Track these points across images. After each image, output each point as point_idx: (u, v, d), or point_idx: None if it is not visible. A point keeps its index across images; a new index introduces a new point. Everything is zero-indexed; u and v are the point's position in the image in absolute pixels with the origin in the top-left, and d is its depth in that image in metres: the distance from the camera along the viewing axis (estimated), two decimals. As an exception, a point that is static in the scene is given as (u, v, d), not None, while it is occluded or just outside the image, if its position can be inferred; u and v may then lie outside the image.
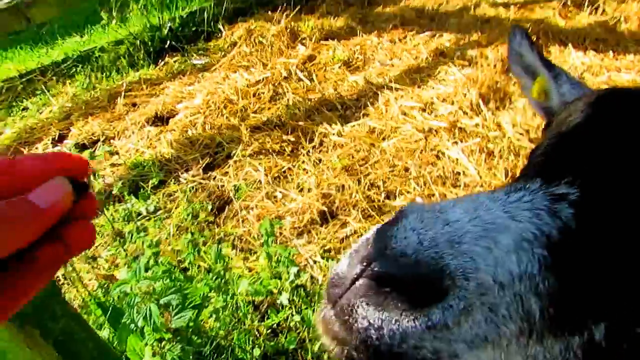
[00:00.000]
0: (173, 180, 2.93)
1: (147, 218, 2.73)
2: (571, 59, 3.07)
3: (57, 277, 2.29)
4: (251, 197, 2.73)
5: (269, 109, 3.35)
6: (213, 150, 3.10)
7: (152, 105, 3.70)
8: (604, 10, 3.62)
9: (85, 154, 3.14)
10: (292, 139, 3.04)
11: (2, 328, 1.12)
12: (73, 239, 0.54)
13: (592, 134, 0.50)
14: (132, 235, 2.53)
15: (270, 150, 2.99)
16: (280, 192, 2.71)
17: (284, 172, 2.85)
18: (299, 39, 4.06)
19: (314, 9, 4.57)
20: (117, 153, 3.30)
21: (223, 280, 2.05)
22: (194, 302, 1.50)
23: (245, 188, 2.78)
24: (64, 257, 0.53)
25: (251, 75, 3.71)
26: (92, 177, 2.85)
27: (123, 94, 3.90)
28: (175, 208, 2.76)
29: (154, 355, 1.52)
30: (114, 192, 2.79)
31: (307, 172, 2.78)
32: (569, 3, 3.74)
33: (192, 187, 2.87)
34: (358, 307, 0.39)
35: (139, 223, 2.66)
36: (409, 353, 0.37)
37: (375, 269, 0.39)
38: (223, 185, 2.84)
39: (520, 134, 2.59)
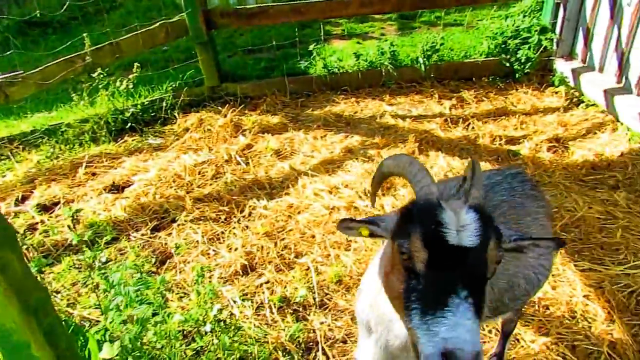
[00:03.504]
0: (125, 238, 3.56)
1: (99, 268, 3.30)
2: (439, 161, 4.16)
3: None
4: (189, 253, 3.40)
5: (210, 184, 4.13)
6: (160, 215, 3.78)
7: (110, 175, 4.37)
8: (473, 128, 4.84)
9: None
10: (227, 209, 3.79)
11: (15, 313, 1.73)
12: None
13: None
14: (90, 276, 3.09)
15: (208, 218, 3.72)
16: (213, 250, 3.41)
17: (218, 235, 3.57)
18: (241, 130, 4.98)
19: (257, 107, 5.56)
20: (77, 212, 3.88)
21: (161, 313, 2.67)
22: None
23: (184, 246, 3.45)
24: None
25: (198, 156, 4.51)
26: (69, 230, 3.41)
27: (84, 164, 4.55)
28: (124, 260, 3.36)
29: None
30: (73, 243, 3.38)
31: (236, 236, 3.52)
32: (448, 120, 4.95)
33: (140, 244, 3.51)
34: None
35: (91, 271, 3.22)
36: None
37: None
38: (166, 244, 3.50)
39: (396, 214, 3.50)
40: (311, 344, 2.67)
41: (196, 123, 5.14)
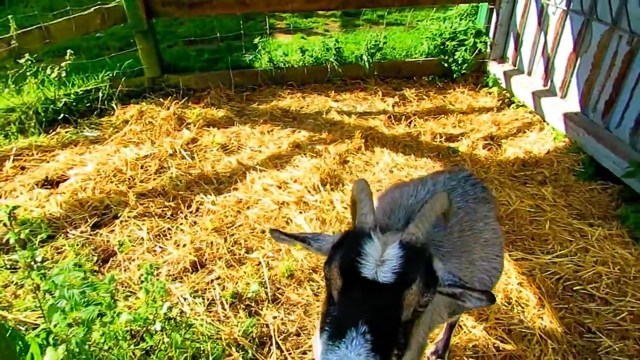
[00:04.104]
0: (62, 235, 3.36)
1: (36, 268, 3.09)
2: (385, 157, 4.30)
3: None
4: (134, 251, 3.28)
5: (154, 179, 3.98)
6: (101, 212, 3.60)
7: (42, 169, 4.08)
8: (415, 125, 5.04)
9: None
10: (173, 205, 3.69)
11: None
12: None
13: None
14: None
15: (154, 214, 3.59)
16: (159, 247, 3.31)
17: (164, 231, 3.46)
18: (185, 124, 4.84)
19: (200, 100, 5.42)
20: (15, 209, 3.60)
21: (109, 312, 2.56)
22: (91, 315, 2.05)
23: (128, 243, 3.32)
24: None
25: (140, 150, 4.33)
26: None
27: (12, 157, 4.22)
28: (63, 259, 3.17)
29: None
30: (3, 242, 3.14)
31: (183, 232, 3.43)
32: (392, 117, 5.11)
33: (80, 242, 3.32)
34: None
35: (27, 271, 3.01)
36: None
37: None
38: (109, 241, 3.35)
39: (345, 208, 3.59)
40: (265, 338, 2.68)
41: (136, 115, 4.92)
